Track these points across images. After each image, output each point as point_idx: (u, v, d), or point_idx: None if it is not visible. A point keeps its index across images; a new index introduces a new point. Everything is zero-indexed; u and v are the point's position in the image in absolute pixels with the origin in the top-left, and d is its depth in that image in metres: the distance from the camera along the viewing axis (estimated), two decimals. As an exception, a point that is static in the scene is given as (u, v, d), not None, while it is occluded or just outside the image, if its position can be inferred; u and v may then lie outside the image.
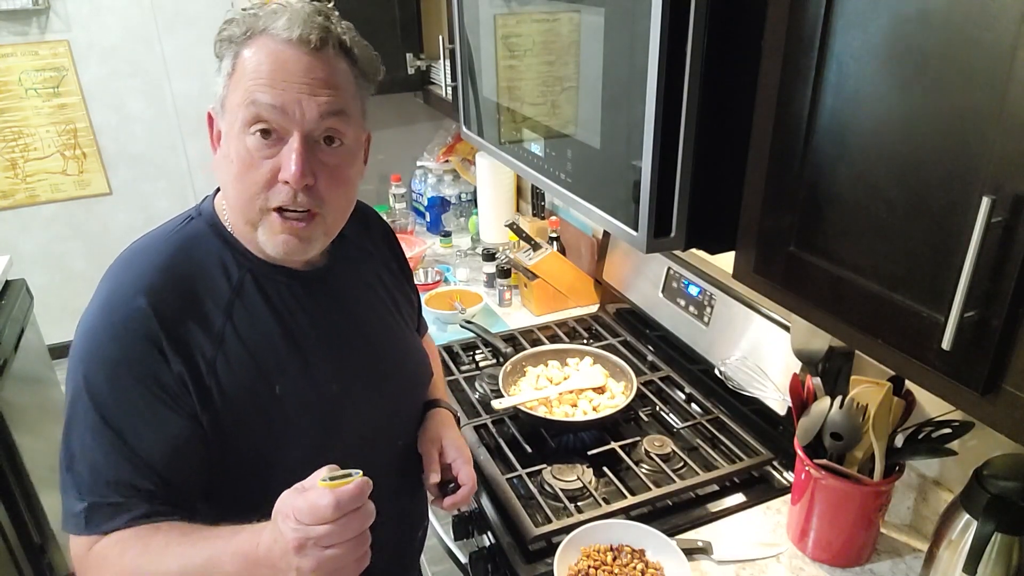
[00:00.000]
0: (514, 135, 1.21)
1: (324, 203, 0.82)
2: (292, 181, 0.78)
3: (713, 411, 1.43)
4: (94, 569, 0.77)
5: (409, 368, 1.05)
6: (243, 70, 0.79)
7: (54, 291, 3.38)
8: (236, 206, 0.83)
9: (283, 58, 0.78)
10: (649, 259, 1.68)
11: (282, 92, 0.77)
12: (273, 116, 0.77)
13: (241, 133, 0.79)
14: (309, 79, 0.78)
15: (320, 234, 0.85)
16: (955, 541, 0.90)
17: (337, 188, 0.83)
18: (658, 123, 0.79)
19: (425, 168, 2.64)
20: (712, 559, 1.11)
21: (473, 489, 1.02)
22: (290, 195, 0.79)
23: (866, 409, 1.00)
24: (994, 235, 0.55)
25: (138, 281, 0.81)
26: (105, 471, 0.77)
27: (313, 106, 0.78)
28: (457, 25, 1.35)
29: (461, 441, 1.07)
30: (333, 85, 0.80)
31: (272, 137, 0.79)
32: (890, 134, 0.64)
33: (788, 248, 0.77)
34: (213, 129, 0.85)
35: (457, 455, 1.03)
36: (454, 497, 1.01)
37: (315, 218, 0.82)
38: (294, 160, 0.77)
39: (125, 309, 0.79)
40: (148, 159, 3.40)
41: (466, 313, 1.87)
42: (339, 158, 0.83)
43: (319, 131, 0.80)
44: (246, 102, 0.77)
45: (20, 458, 1.97)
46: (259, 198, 0.80)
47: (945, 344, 0.59)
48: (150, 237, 0.87)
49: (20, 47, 3.07)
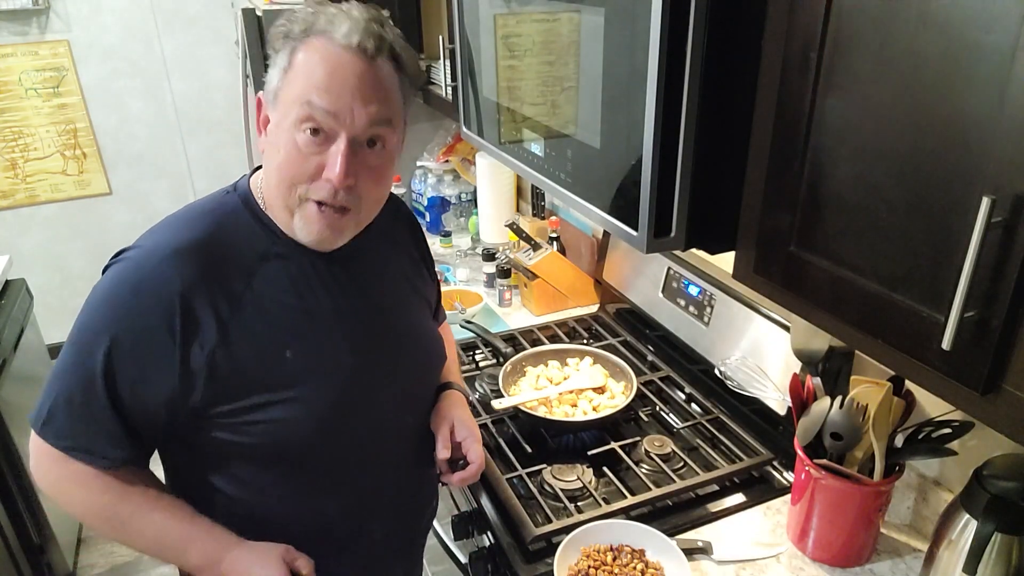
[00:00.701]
0: (514, 135, 1.21)
1: (361, 200, 0.88)
2: (336, 181, 0.83)
3: (713, 411, 1.43)
4: (62, 485, 0.89)
5: (423, 349, 1.08)
6: (299, 68, 0.83)
7: (54, 291, 3.38)
8: (277, 192, 0.87)
9: (339, 63, 0.82)
10: (649, 259, 1.68)
11: (336, 98, 0.82)
12: (325, 119, 0.82)
13: (292, 128, 0.83)
14: (362, 87, 0.83)
15: (352, 226, 0.90)
16: (955, 541, 0.90)
17: (375, 187, 0.89)
18: (658, 123, 0.79)
19: (425, 168, 2.64)
20: (712, 559, 1.11)
21: (482, 466, 1.05)
22: (331, 192, 0.84)
23: (866, 409, 1.00)
24: (994, 235, 0.55)
25: (170, 244, 0.85)
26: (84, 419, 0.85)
27: (363, 114, 0.83)
28: (457, 25, 1.35)
29: (472, 421, 1.10)
30: (383, 94, 0.85)
31: (321, 136, 0.83)
32: (890, 134, 0.64)
33: (788, 248, 0.77)
34: (260, 114, 0.91)
35: (467, 434, 1.06)
36: (463, 473, 1.04)
37: (349, 212, 0.88)
38: (340, 162, 0.83)
39: (152, 268, 0.84)
40: (148, 159, 3.40)
41: (466, 313, 1.87)
42: (380, 160, 0.88)
43: (365, 136, 0.85)
44: (301, 101, 0.82)
45: (20, 458, 1.97)
46: (300, 187, 0.85)
47: (945, 344, 0.59)
48: (187, 208, 0.93)
49: (20, 47, 3.07)
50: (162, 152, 3.41)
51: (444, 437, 1.05)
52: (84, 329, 0.84)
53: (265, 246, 0.90)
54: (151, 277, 0.83)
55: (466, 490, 1.31)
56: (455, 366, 1.23)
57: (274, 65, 0.87)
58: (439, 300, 1.22)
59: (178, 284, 0.83)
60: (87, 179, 3.34)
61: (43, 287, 3.25)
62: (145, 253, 0.85)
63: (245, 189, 0.94)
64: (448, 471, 1.05)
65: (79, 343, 0.84)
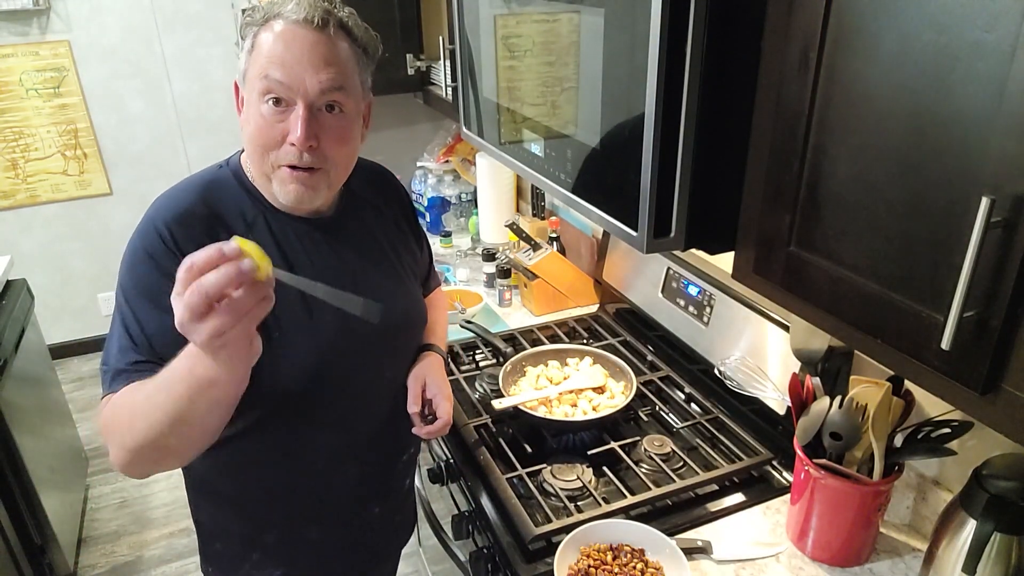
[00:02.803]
0: (514, 135, 1.21)
1: (327, 159, 0.96)
2: (298, 143, 0.92)
3: (713, 411, 1.43)
4: (107, 413, 0.92)
5: (401, 309, 1.16)
6: (260, 48, 0.94)
7: (55, 291, 3.38)
8: (254, 160, 0.98)
9: (292, 37, 0.92)
10: (649, 259, 1.68)
11: (290, 69, 0.91)
12: (282, 89, 0.92)
13: (257, 101, 0.93)
14: (312, 56, 0.92)
15: (324, 186, 0.98)
16: (954, 541, 0.90)
17: (338, 147, 0.97)
18: (658, 123, 0.79)
19: (425, 168, 2.64)
20: (712, 559, 1.11)
21: (448, 423, 1.16)
22: (296, 154, 0.93)
23: (865, 409, 1.00)
24: (994, 235, 0.55)
25: (166, 213, 0.96)
26: (122, 348, 0.93)
27: (315, 82, 0.92)
28: (457, 26, 1.35)
29: (444, 381, 1.21)
30: (334, 61, 0.94)
31: (282, 104, 0.93)
32: (890, 134, 0.64)
33: (788, 248, 0.78)
34: (238, 96, 1.00)
35: (437, 392, 1.17)
36: (430, 427, 1.15)
37: (319, 172, 0.96)
38: (299, 126, 0.92)
39: (150, 230, 0.95)
40: (148, 159, 3.40)
41: (466, 313, 1.88)
42: (340, 123, 0.97)
43: (321, 102, 0.94)
44: (261, 75, 0.92)
45: (20, 458, 1.97)
46: (272, 154, 0.94)
47: (944, 344, 0.59)
48: (183, 181, 1.03)
49: (21, 47, 3.07)
50: (162, 152, 3.41)
51: (415, 394, 1.16)
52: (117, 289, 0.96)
53: (253, 212, 1.01)
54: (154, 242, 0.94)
55: (466, 490, 1.31)
56: (441, 329, 1.33)
57: (241, 50, 0.97)
58: (431, 267, 1.35)
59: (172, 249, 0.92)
60: (88, 179, 3.34)
61: (44, 287, 3.25)
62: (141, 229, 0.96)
63: (236, 164, 1.04)
64: (420, 424, 1.16)
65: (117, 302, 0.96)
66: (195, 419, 0.82)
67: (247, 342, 0.74)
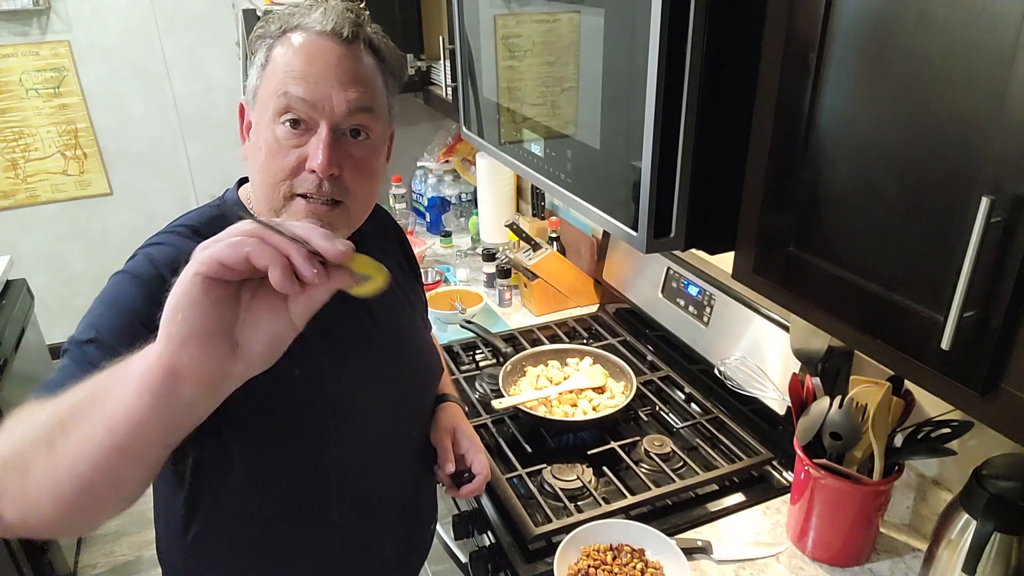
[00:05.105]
0: (514, 135, 1.21)
1: (348, 193, 0.83)
2: (319, 170, 0.79)
3: (713, 411, 1.43)
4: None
5: (422, 360, 1.07)
6: (275, 63, 0.81)
7: (54, 291, 3.38)
8: (262, 193, 0.84)
9: (315, 49, 0.80)
10: (649, 259, 1.68)
11: (313, 85, 0.79)
12: (303, 108, 0.79)
13: (271, 122, 0.81)
14: (340, 72, 0.80)
15: (343, 223, 0.85)
16: (954, 541, 0.90)
17: (361, 179, 0.84)
18: (658, 123, 0.79)
19: (425, 168, 2.64)
20: (712, 559, 1.11)
21: (487, 477, 1.06)
22: (315, 183, 0.80)
23: (865, 409, 1.00)
24: (993, 235, 0.55)
25: (165, 257, 0.80)
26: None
27: (343, 101, 0.80)
28: (457, 26, 1.35)
29: (473, 432, 1.11)
30: (362, 80, 0.82)
31: (301, 127, 0.80)
32: (890, 134, 0.64)
33: (788, 248, 0.78)
34: (243, 120, 0.87)
35: (471, 445, 1.07)
36: (470, 485, 1.04)
37: (339, 206, 0.83)
38: (321, 150, 0.79)
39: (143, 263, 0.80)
40: (148, 159, 3.40)
41: (466, 313, 1.87)
42: (365, 151, 0.84)
43: (347, 124, 0.82)
44: (278, 93, 0.79)
45: (20, 458, 1.97)
46: (284, 184, 0.81)
47: (944, 344, 0.59)
48: (173, 224, 0.88)
49: (21, 47, 3.07)
50: (163, 153, 3.41)
51: (446, 450, 1.04)
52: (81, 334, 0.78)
53: None
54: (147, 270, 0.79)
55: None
56: (447, 377, 1.24)
57: (252, 66, 0.85)
58: (426, 310, 1.21)
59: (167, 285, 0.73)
60: (88, 179, 3.34)
61: (44, 287, 3.25)
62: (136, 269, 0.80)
63: (234, 198, 0.92)
64: (453, 486, 1.04)
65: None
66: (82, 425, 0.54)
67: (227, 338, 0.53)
